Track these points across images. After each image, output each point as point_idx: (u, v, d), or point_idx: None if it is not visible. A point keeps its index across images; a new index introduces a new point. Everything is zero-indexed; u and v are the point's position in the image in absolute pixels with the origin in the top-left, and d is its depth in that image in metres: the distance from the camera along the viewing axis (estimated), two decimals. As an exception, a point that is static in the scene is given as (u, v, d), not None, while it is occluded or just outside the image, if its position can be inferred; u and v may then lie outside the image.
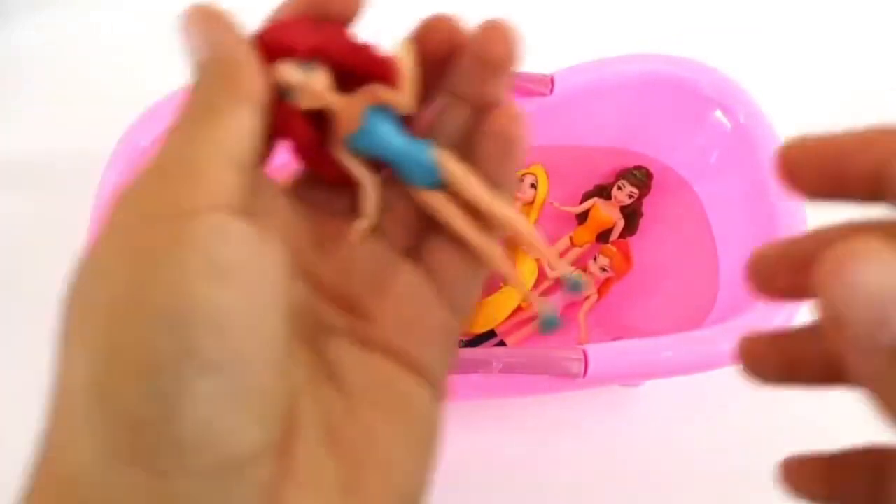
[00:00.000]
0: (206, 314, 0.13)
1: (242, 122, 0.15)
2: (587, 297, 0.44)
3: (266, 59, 0.16)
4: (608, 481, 0.44)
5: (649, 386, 0.47)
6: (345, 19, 0.17)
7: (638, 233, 0.46)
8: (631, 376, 0.33)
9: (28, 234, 0.53)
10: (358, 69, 0.17)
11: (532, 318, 0.45)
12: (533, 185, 0.45)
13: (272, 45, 0.16)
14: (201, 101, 0.15)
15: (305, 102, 0.16)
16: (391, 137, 0.17)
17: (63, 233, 0.50)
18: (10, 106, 0.58)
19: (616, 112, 0.44)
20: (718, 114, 0.41)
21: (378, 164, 0.17)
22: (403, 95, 0.17)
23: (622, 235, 0.46)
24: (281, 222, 0.17)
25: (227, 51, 0.16)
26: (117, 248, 0.14)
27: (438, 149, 0.17)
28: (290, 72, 0.16)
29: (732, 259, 0.42)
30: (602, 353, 0.33)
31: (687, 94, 0.42)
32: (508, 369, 0.32)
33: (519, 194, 0.45)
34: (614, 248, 0.44)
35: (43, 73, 0.59)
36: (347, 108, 0.16)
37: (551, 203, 0.46)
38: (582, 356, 0.32)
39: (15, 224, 0.54)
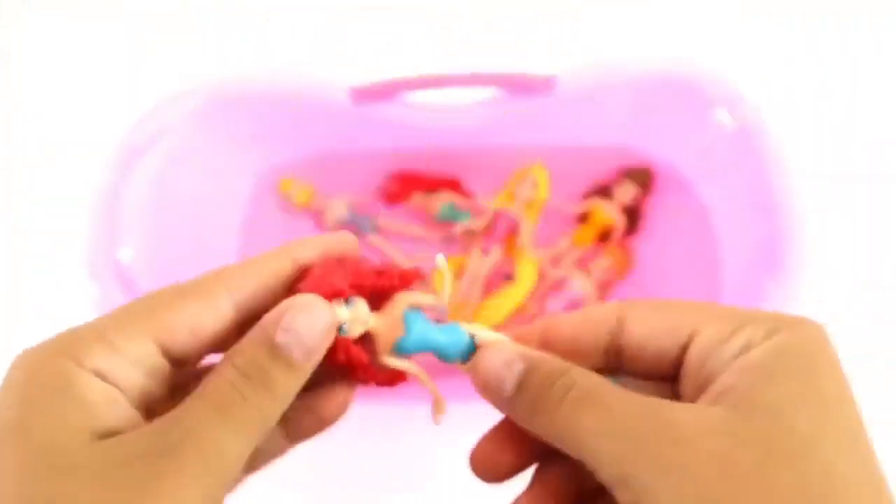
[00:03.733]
0: None
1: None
2: (588, 298, 0.44)
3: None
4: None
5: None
6: (354, 253, 0.20)
7: (639, 233, 0.46)
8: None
9: (27, 233, 0.53)
10: (386, 289, 0.19)
11: (533, 318, 0.45)
12: (534, 185, 0.45)
13: (319, 293, 0.18)
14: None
15: (356, 332, 0.18)
16: (432, 332, 0.19)
17: (63, 232, 0.50)
18: (11, 106, 0.58)
19: (617, 112, 0.44)
20: (719, 114, 0.41)
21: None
22: (438, 296, 0.20)
23: (623, 236, 0.46)
24: None
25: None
26: None
27: (464, 325, 0.20)
28: (342, 312, 0.18)
29: (734, 259, 0.42)
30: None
31: (688, 94, 0.42)
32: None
33: (520, 194, 0.45)
34: (615, 249, 0.44)
35: (43, 73, 0.59)
36: (387, 323, 0.19)
37: (552, 203, 0.46)
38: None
39: (15, 223, 0.54)
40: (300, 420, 0.20)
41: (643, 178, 0.46)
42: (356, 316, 0.18)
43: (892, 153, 0.55)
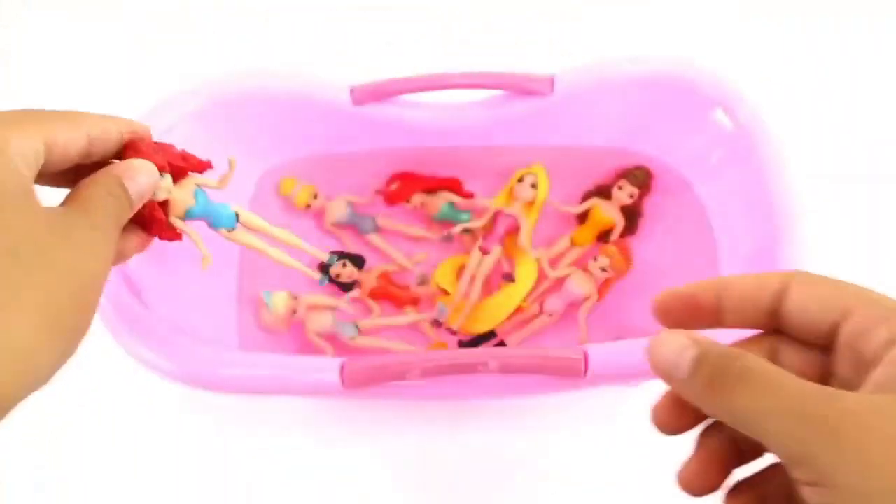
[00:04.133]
0: None
1: None
2: (587, 298, 0.44)
3: None
4: (608, 481, 0.44)
5: (649, 386, 0.47)
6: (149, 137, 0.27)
7: (638, 233, 0.46)
8: (631, 376, 0.33)
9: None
10: (185, 170, 0.27)
11: (533, 318, 0.45)
12: (533, 185, 0.45)
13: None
14: None
15: (161, 197, 0.26)
16: (209, 205, 0.28)
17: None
18: (10, 106, 0.58)
19: (616, 112, 0.44)
20: (718, 114, 0.41)
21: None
22: (220, 181, 0.29)
23: (622, 235, 0.46)
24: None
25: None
26: None
27: (234, 205, 0.30)
28: (163, 181, 0.26)
29: (733, 259, 0.42)
30: (602, 353, 0.33)
31: (687, 94, 0.42)
32: (508, 369, 0.32)
33: (519, 194, 0.45)
34: (614, 248, 0.44)
35: (43, 73, 0.60)
36: (183, 194, 0.27)
37: (551, 203, 0.46)
38: (582, 356, 0.32)
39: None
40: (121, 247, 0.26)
41: (642, 178, 0.46)
42: (165, 186, 0.26)
43: (892, 153, 0.55)
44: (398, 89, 0.41)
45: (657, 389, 0.24)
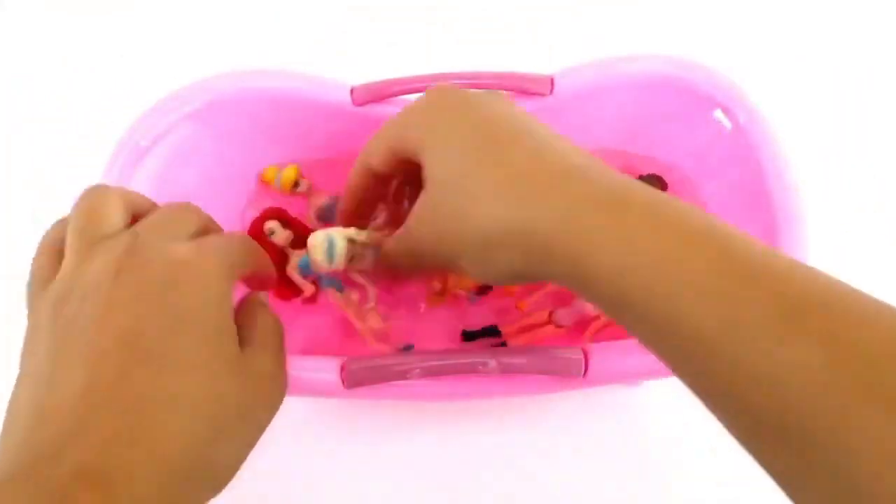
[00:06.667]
0: None
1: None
2: (598, 317, 0.43)
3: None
4: (608, 481, 0.44)
5: (649, 386, 0.47)
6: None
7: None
8: (631, 376, 0.33)
9: (28, 233, 0.53)
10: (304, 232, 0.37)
11: (540, 325, 0.44)
12: None
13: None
14: None
15: (279, 241, 0.40)
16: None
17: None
18: (10, 105, 0.59)
19: (616, 112, 0.44)
20: (718, 114, 0.41)
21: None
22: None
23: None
24: None
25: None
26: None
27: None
28: (273, 226, 0.41)
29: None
30: (602, 353, 0.33)
31: (687, 94, 0.42)
32: (508, 369, 0.32)
33: None
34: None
35: (43, 73, 0.59)
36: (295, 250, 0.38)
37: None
38: (582, 356, 0.32)
39: (15, 223, 0.54)
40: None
41: (657, 186, 0.45)
42: (280, 233, 0.42)
43: (893, 153, 0.55)
44: (398, 89, 0.41)
45: (657, 389, 0.24)
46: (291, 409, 0.47)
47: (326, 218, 0.46)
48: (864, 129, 0.55)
